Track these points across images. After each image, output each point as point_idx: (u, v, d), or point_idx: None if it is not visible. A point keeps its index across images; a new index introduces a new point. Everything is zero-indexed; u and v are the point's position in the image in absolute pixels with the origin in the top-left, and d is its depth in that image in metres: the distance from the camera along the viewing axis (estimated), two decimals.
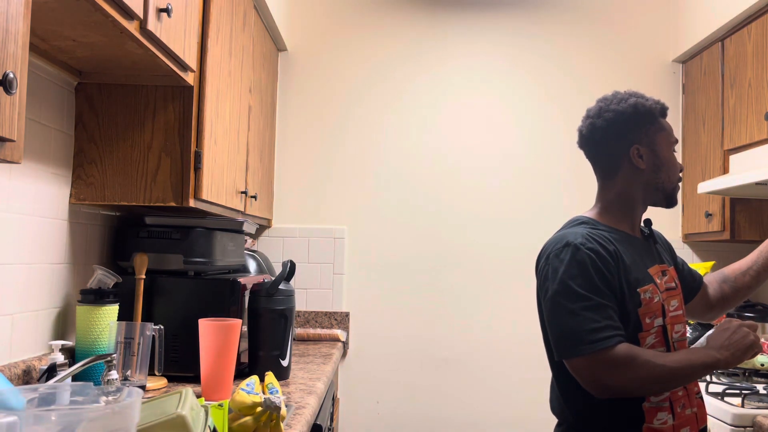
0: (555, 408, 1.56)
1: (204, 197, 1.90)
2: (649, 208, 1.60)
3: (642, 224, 1.62)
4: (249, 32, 2.45)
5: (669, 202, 1.57)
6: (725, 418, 2.00)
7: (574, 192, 3.12)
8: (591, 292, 1.39)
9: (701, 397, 1.54)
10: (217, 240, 2.06)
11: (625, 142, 1.53)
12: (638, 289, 1.44)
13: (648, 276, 1.47)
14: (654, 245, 1.60)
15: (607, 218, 1.56)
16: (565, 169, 3.15)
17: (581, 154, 1.63)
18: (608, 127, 1.53)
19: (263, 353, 2.00)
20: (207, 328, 1.76)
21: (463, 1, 3.24)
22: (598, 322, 1.36)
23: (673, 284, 1.54)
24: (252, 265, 2.66)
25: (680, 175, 1.57)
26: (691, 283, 1.72)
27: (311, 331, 3.02)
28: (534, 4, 3.24)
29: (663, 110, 1.57)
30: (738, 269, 1.73)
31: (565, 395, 1.51)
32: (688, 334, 2.71)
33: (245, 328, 2.06)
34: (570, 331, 1.38)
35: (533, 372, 2.99)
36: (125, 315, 1.88)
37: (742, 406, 2.01)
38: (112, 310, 1.77)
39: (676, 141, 1.58)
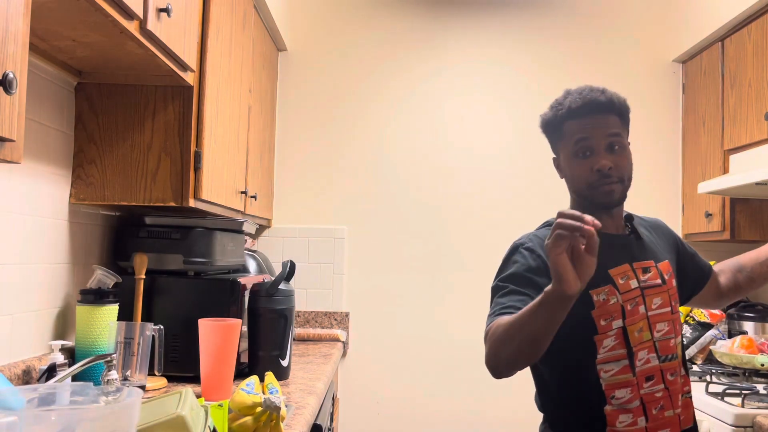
0: (538, 405, 1.57)
1: (204, 197, 1.90)
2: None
3: (624, 220, 1.57)
4: (249, 32, 2.45)
5: (596, 207, 1.48)
6: (725, 418, 2.00)
7: None
8: (509, 282, 1.41)
9: (690, 396, 1.49)
10: (217, 240, 2.06)
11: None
12: (590, 291, 1.41)
13: (606, 277, 1.43)
14: (637, 241, 1.53)
15: None
16: None
17: None
18: None
19: (263, 353, 2.00)
20: (207, 328, 1.76)
21: (464, 1, 3.24)
22: (502, 305, 1.37)
23: (659, 281, 1.48)
24: (252, 265, 2.66)
25: (594, 177, 1.45)
26: (699, 273, 1.67)
27: (311, 331, 3.02)
28: (534, 4, 3.24)
29: (567, 113, 1.49)
30: (755, 259, 1.67)
31: (539, 393, 1.53)
32: (687, 333, 2.72)
33: (245, 328, 2.06)
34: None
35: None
36: (125, 315, 1.88)
37: (742, 406, 2.01)
38: (112, 310, 1.77)
39: (580, 142, 1.46)
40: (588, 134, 1.47)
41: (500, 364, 1.32)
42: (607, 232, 1.52)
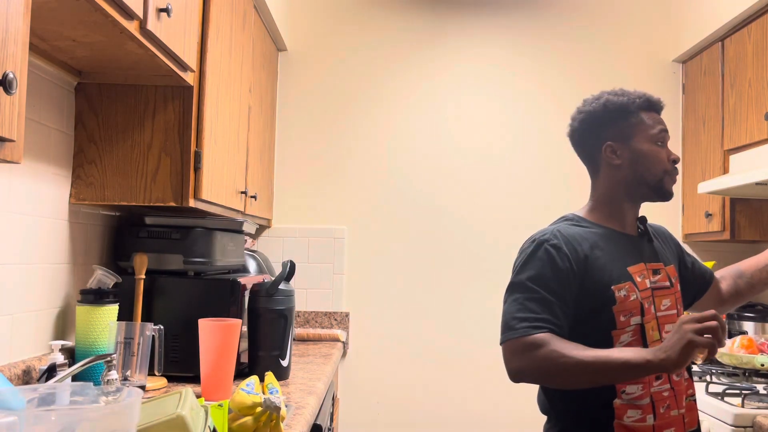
0: (541, 405, 1.57)
1: (204, 197, 1.90)
2: (650, 205, 1.60)
3: (638, 221, 1.61)
4: (249, 32, 2.45)
5: (659, 194, 1.54)
6: (725, 418, 2.00)
7: (576, 192, 3.12)
8: (539, 286, 1.41)
9: (694, 400, 1.52)
10: (217, 240, 2.06)
11: (598, 141, 1.56)
12: (612, 287, 1.43)
13: (626, 274, 1.46)
14: (648, 243, 1.58)
15: (595, 216, 1.57)
16: (566, 170, 3.15)
17: None
18: (582, 128, 1.58)
19: (263, 353, 2.00)
20: (207, 328, 1.76)
21: (464, 2, 3.24)
22: (535, 313, 1.38)
23: (668, 283, 1.53)
24: (252, 265, 2.66)
25: (671, 166, 1.53)
26: (700, 279, 1.70)
27: (311, 331, 3.02)
28: (534, 5, 3.24)
29: (645, 104, 1.55)
30: (755, 265, 1.70)
31: (546, 390, 1.53)
32: None
33: (245, 328, 2.06)
34: (507, 318, 1.42)
35: None
36: (125, 315, 1.88)
37: (742, 406, 2.01)
38: (112, 310, 1.77)
39: (662, 132, 1.54)
40: (666, 128, 1.56)
41: (539, 381, 1.41)
42: (623, 232, 1.56)
